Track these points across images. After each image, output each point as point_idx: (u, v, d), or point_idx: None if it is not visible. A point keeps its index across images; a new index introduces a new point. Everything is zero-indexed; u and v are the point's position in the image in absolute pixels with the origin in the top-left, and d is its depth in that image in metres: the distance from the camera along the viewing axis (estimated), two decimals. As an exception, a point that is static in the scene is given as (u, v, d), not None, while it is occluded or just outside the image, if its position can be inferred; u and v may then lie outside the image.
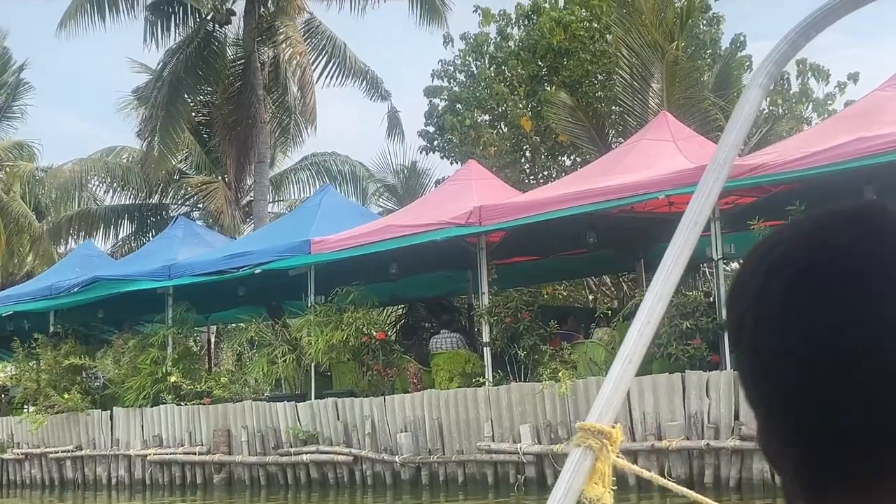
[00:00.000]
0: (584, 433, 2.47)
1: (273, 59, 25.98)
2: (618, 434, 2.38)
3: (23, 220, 32.72)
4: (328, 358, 15.89)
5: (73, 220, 30.00)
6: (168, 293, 18.72)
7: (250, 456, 16.54)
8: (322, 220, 17.90)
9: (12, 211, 32.73)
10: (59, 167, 32.64)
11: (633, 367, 2.30)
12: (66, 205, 32.46)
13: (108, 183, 30.76)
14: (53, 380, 19.43)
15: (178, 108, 24.55)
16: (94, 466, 19.01)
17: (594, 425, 2.43)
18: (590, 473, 2.27)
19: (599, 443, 2.34)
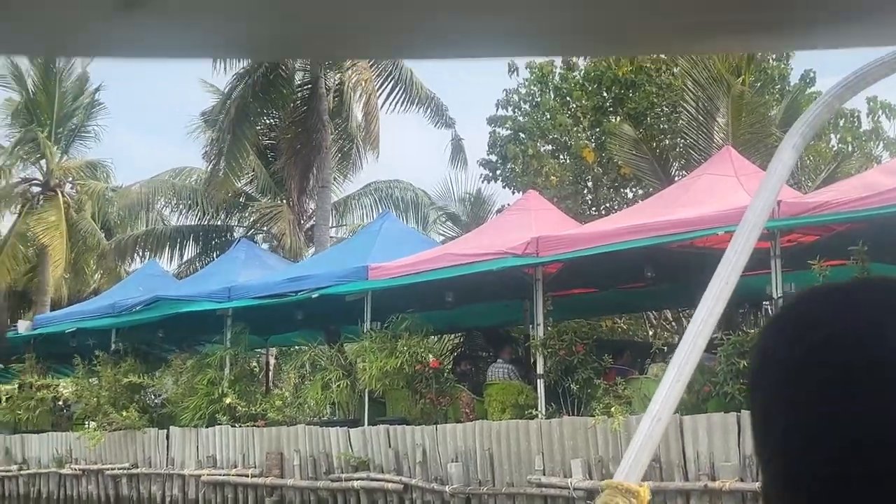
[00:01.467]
0: (611, 491, 2.48)
1: (338, 85, 26.18)
2: (645, 493, 2.38)
3: (91, 238, 33.22)
4: (381, 384, 15.88)
5: (139, 240, 30.46)
6: (227, 314, 18.86)
7: (302, 480, 16.56)
8: (381, 247, 17.96)
9: (81, 229, 33.26)
10: (128, 187, 33.20)
11: (661, 426, 2.33)
12: (133, 224, 32.96)
13: (173, 204, 31.23)
14: (113, 397, 19.64)
15: (245, 131, 24.83)
16: (149, 485, 19.16)
17: (622, 483, 2.45)
18: None
19: (627, 501, 2.34)
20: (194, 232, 30.81)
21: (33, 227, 31.73)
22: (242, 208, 30.65)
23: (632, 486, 2.24)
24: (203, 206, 30.32)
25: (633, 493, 2.22)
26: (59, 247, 31.09)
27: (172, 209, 31.98)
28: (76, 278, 34.09)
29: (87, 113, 34.70)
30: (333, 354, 17.07)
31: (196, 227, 31.06)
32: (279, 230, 26.95)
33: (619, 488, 2.24)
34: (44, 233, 31.17)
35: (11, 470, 21.89)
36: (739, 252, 2.32)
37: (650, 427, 2.15)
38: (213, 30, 0.75)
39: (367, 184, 31.59)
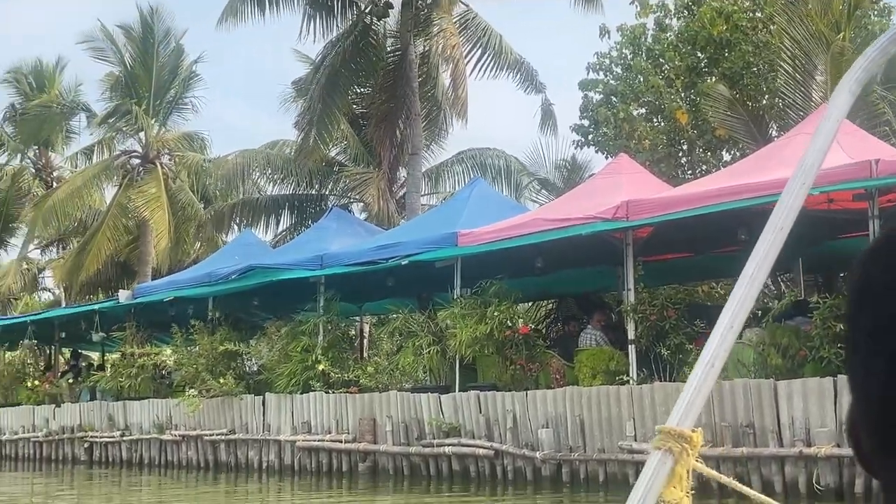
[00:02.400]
0: (664, 436, 2.40)
1: (427, 52, 26.11)
2: (698, 438, 2.33)
3: (189, 208, 33.89)
4: (472, 351, 15.87)
5: (235, 210, 30.93)
6: (320, 282, 19.02)
7: (394, 446, 16.67)
8: (471, 213, 17.92)
9: (180, 199, 33.93)
10: (223, 158, 33.70)
11: (715, 372, 2.28)
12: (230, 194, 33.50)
13: (268, 174, 31.62)
14: (210, 364, 19.98)
15: (335, 99, 24.93)
16: (246, 450, 19.49)
17: (675, 429, 2.37)
18: (669, 477, 2.19)
19: (679, 446, 2.30)
20: (289, 201, 31.16)
21: (134, 200, 32.46)
22: (336, 177, 30.88)
23: (684, 431, 2.16)
24: (297, 176, 30.63)
25: (685, 438, 2.15)
26: (161, 218, 31.75)
27: (267, 179, 32.40)
28: (176, 248, 34.74)
29: (185, 85, 35.25)
30: (424, 321, 17.10)
31: (291, 196, 31.41)
32: (372, 198, 27.08)
33: (671, 433, 2.16)
34: (144, 205, 31.85)
35: (115, 436, 22.48)
36: (794, 196, 2.22)
37: (703, 373, 2.07)
38: None
39: (459, 151, 31.62)
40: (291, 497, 17.32)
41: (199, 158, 35.38)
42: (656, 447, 2.38)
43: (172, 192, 33.64)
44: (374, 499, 16.16)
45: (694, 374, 2.30)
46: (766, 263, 2.32)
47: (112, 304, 24.02)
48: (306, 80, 26.42)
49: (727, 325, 2.29)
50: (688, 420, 2.37)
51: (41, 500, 18.58)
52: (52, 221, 34.14)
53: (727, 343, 2.29)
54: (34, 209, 35.29)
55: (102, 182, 35.22)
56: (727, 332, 2.30)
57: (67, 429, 24.00)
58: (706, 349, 2.28)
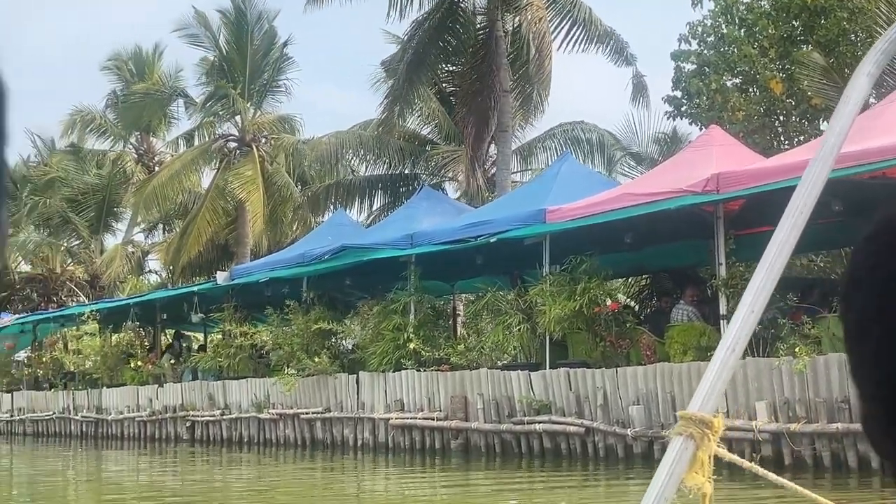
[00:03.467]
0: (685, 422, 2.43)
1: (516, 27, 25.92)
2: (719, 423, 2.36)
3: (285, 190, 34.34)
4: (561, 328, 15.79)
5: (329, 191, 31.23)
6: (410, 261, 19.11)
7: (486, 423, 16.71)
8: (560, 189, 17.78)
9: (276, 182, 34.39)
10: (317, 139, 34.03)
11: (735, 356, 2.32)
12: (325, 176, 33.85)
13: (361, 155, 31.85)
14: (304, 343, 20.25)
15: (421, 76, 24.94)
16: (341, 428, 19.73)
17: (696, 414, 2.41)
18: (691, 462, 2.18)
19: (701, 432, 2.33)
20: (382, 181, 31.34)
21: (231, 182, 33.02)
22: (427, 156, 30.94)
23: (706, 417, 2.18)
24: (389, 156, 30.78)
25: (706, 423, 2.16)
26: (257, 200, 32.23)
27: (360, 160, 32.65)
28: (274, 229, 35.28)
29: (277, 68, 35.65)
30: (514, 298, 17.07)
31: (383, 176, 31.58)
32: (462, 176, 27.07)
33: (692, 419, 2.18)
34: (241, 187, 32.39)
35: (215, 415, 22.97)
36: (815, 178, 2.20)
37: (725, 357, 2.08)
38: None
39: (551, 127, 31.37)
40: (386, 474, 17.47)
41: (293, 140, 35.80)
42: (678, 433, 2.40)
43: (268, 174, 34.12)
44: (466, 476, 16.20)
45: (715, 359, 2.33)
46: (787, 247, 2.33)
47: (210, 285, 24.50)
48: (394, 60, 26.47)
49: (748, 309, 2.29)
50: (709, 405, 2.39)
51: (146, 478, 19.08)
52: (153, 205, 34.98)
53: (748, 327, 2.30)
54: (136, 194, 36.15)
55: (201, 166, 35.88)
56: (748, 315, 2.31)
57: (170, 408, 24.59)
58: (727, 333, 2.31)
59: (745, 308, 2.22)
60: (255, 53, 34.38)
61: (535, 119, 30.63)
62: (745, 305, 2.23)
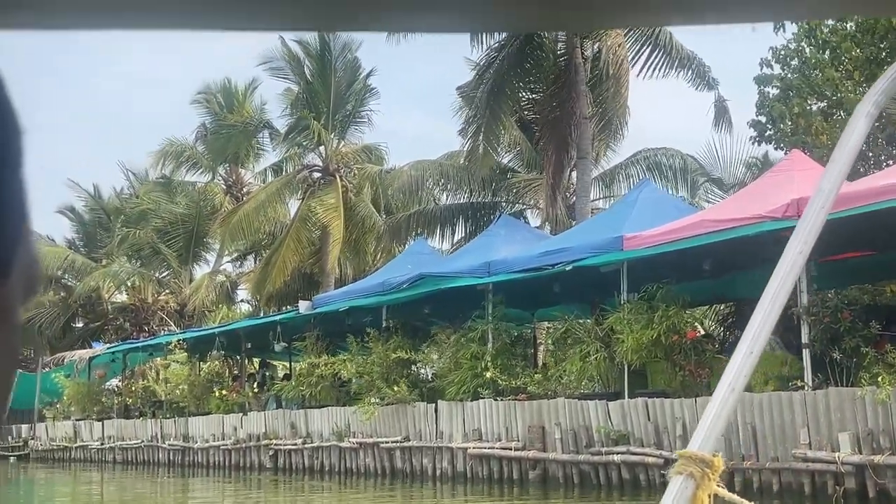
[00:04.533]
0: (684, 461, 2.43)
1: (596, 54, 25.76)
2: (718, 463, 2.35)
3: (368, 220, 34.59)
4: (639, 356, 15.56)
5: (411, 220, 31.33)
6: (487, 289, 19.05)
7: (563, 454, 16.51)
8: (638, 216, 17.59)
9: (359, 211, 34.67)
10: (399, 169, 34.23)
11: (735, 396, 2.23)
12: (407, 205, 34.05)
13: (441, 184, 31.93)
14: (384, 372, 20.28)
15: (502, 105, 24.92)
16: (420, 457, 19.68)
17: (695, 453, 2.40)
18: (691, 502, 2.15)
19: (700, 471, 2.32)
20: (463, 210, 31.34)
21: (314, 211, 33.36)
22: (508, 184, 30.87)
23: (706, 456, 2.13)
24: (470, 185, 30.80)
25: (706, 463, 2.12)
26: (337, 228, 32.52)
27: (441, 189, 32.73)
28: (358, 258, 35.56)
29: (361, 98, 35.98)
30: (591, 326, 16.89)
31: (464, 205, 31.59)
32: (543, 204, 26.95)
33: (692, 458, 2.14)
34: (324, 215, 32.71)
35: (297, 443, 23.10)
36: (813, 221, 2.19)
37: (724, 396, 2.04)
38: None
39: (633, 153, 31.09)
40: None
41: (376, 170, 36.06)
42: (677, 472, 2.41)
43: (351, 203, 34.40)
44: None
45: (714, 398, 2.33)
46: (786, 287, 2.27)
47: (292, 314, 24.70)
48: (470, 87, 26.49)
49: (747, 351, 2.32)
50: (709, 444, 2.37)
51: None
52: (239, 236, 35.50)
53: (748, 367, 2.32)
54: (222, 224, 36.69)
55: (286, 196, 36.32)
56: (747, 357, 2.32)
57: (254, 437, 24.81)
58: (726, 374, 2.32)
59: (745, 348, 2.21)
60: (339, 84, 34.76)
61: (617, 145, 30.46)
62: (744, 346, 2.21)
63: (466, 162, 27.12)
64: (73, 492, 26.02)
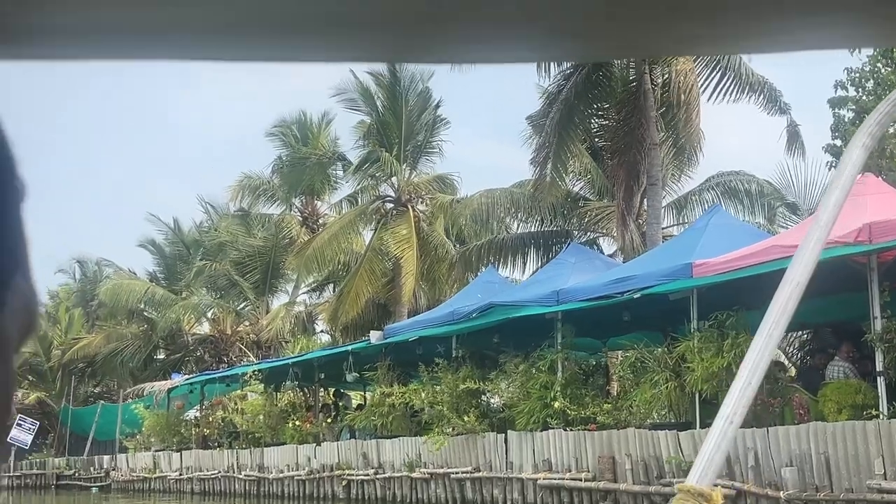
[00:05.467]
0: (684, 495, 2.40)
1: (665, 79, 25.56)
2: (718, 496, 2.32)
3: (441, 249, 34.65)
4: (709, 385, 15.30)
5: (482, 249, 31.31)
6: (557, 318, 18.92)
7: (634, 485, 16.28)
8: (708, 242, 17.35)
9: (432, 241, 34.76)
10: (469, 198, 34.26)
11: (734, 428, 2.32)
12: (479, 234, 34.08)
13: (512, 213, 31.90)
14: (453, 402, 20.22)
15: (570, 132, 24.84)
16: (490, 488, 19.56)
17: (694, 487, 2.38)
18: None
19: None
20: (535, 238, 31.21)
21: (387, 242, 33.56)
22: (581, 212, 30.70)
23: (705, 490, 2.10)
24: (541, 213, 30.68)
25: (705, 497, 2.09)
26: (410, 259, 32.64)
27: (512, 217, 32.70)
28: (432, 288, 35.62)
29: (431, 129, 36.13)
30: (661, 355, 16.67)
31: (536, 233, 31.48)
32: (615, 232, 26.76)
33: (691, 492, 2.11)
34: (396, 247, 32.88)
35: (369, 474, 23.12)
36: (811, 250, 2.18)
37: (723, 428, 2.01)
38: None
39: (706, 178, 30.69)
40: (535, 536, 17.23)
41: (447, 200, 36.14)
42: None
43: (424, 234, 34.52)
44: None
45: (713, 430, 2.29)
46: (783, 319, 2.29)
47: (364, 344, 24.78)
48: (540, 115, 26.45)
49: (745, 382, 2.31)
50: (707, 477, 2.37)
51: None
52: (314, 267, 35.81)
53: (746, 398, 2.30)
54: (296, 256, 37.04)
55: (359, 227, 36.56)
56: (745, 388, 2.31)
57: (327, 467, 24.89)
58: (724, 405, 2.31)
59: (742, 381, 2.18)
60: (410, 115, 34.96)
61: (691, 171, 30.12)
62: (741, 379, 2.19)
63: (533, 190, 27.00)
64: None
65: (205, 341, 45.77)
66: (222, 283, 44.10)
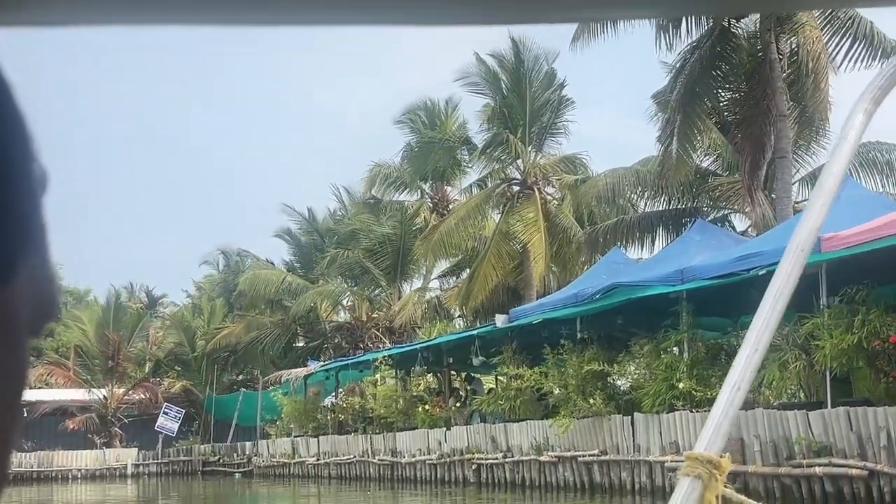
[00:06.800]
0: (692, 462, 2.38)
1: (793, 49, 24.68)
2: (726, 464, 2.34)
3: (570, 231, 34.34)
4: (838, 363, 14.77)
5: (609, 230, 30.91)
6: (681, 297, 18.54)
7: (763, 466, 15.83)
8: (839, 215, 16.62)
9: (560, 223, 34.48)
10: (594, 178, 33.85)
11: (741, 394, 2.17)
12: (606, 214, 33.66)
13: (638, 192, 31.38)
14: (579, 385, 20.03)
15: (696, 108, 24.24)
16: (618, 471, 19.32)
17: (702, 454, 2.36)
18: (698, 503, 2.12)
19: (708, 472, 2.16)
20: (663, 217, 30.64)
21: (513, 226, 33.42)
22: (709, 188, 30.00)
23: (713, 457, 2.08)
24: (668, 191, 30.08)
25: (714, 464, 2.07)
26: (538, 242, 32.42)
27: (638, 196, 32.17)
28: (563, 271, 35.33)
29: (556, 110, 35.75)
30: (789, 333, 16.15)
31: (664, 212, 30.89)
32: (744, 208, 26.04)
33: (699, 459, 2.08)
34: (523, 229, 32.71)
35: (498, 457, 23.12)
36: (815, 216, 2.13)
37: (730, 395, 2.02)
38: None
39: (841, 150, 29.39)
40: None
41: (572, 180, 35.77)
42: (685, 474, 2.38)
43: (552, 216, 34.25)
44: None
45: (720, 397, 2.26)
46: (791, 280, 2.25)
47: (490, 328, 24.78)
48: (666, 92, 25.89)
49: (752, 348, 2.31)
50: (716, 445, 2.34)
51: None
52: (440, 252, 35.91)
53: (753, 365, 2.17)
54: (423, 241, 37.21)
55: (486, 211, 36.50)
56: (752, 354, 2.16)
57: (457, 451, 24.99)
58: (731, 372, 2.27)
59: (750, 346, 2.17)
60: (534, 96, 34.66)
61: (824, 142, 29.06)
62: (749, 344, 2.17)
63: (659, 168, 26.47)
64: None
65: (341, 328, 46.44)
66: (356, 271, 44.62)
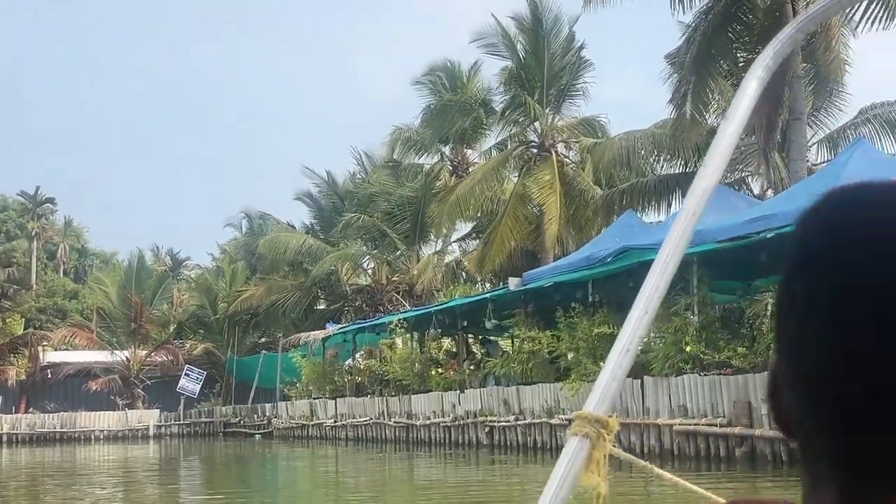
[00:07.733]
0: (580, 422, 2.41)
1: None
2: (614, 423, 2.35)
3: (587, 193, 34.18)
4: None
5: (625, 193, 30.72)
6: (692, 261, 18.41)
7: (770, 430, 15.77)
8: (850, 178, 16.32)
9: (577, 185, 34.31)
10: (609, 140, 33.64)
11: (630, 357, 2.22)
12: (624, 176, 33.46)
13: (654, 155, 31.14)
14: (590, 348, 20.00)
15: (710, 69, 23.98)
16: (627, 434, 19.27)
17: (591, 414, 2.39)
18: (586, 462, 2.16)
19: (596, 431, 2.21)
20: (679, 180, 30.40)
21: (529, 188, 33.29)
22: (727, 151, 29.61)
23: (601, 417, 2.13)
24: (685, 154, 29.85)
25: (601, 423, 2.14)
26: (554, 204, 32.30)
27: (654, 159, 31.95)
28: (580, 233, 35.18)
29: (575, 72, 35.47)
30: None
31: (679, 175, 30.64)
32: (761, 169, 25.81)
33: (588, 418, 2.10)
34: (539, 192, 32.60)
35: (510, 420, 23.17)
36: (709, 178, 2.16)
37: (619, 359, 2.09)
38: None
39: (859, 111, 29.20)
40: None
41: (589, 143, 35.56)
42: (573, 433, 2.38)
43: (568, 178, 34.09)
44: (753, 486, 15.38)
45: (609, 360, 2.24)
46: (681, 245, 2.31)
47: (503, 291, 24.77)
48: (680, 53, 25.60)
49: (642, 310, 2.26)
50: (604, 405, 2.36)
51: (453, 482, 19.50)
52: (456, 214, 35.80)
53: (642, 328, 2.23)
54: (439, 204, 37.11)
55: (503, 173, 36.37)
56: (642, 317, 2.22)
57: (471, 413, 25.07)
58: (620, 336, 2.26)
59: (639, 310, 2.23)
60: (553, 58, 34.38)
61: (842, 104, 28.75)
62: (638, 307, 2.24)
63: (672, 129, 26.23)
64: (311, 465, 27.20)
65: (361, 291, 46.55)
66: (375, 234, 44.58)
